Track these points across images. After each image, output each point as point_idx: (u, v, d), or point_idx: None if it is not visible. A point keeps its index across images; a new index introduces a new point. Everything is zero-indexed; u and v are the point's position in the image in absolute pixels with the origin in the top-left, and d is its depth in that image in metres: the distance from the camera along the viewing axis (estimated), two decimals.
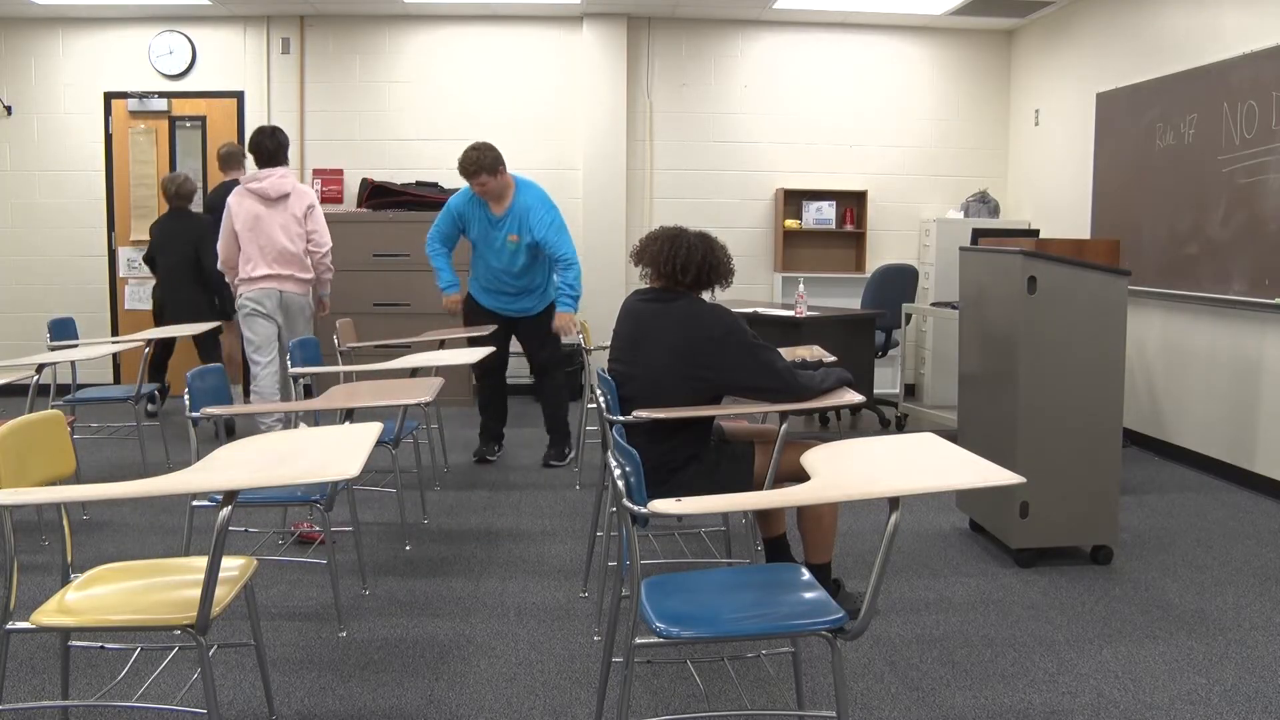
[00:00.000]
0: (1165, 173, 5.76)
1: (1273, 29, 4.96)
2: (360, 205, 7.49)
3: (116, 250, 7.71)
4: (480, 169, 5.12)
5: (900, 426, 6.59)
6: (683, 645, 2.99)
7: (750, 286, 7.86)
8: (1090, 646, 3.16)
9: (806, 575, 2.34)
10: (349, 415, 3.38)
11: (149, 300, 6.96)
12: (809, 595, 2.22)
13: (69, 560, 2.38)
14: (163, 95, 7.59)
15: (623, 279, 7.61)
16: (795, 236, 7.94)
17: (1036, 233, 6.80)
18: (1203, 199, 5.43)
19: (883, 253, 7.97)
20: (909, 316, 6.76)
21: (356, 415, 3.33)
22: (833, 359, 3.95)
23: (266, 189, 5.19)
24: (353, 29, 7.66)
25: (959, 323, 4.52)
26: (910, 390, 7.84)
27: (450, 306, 5.55)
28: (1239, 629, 3.31)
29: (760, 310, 6.12)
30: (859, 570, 3.85)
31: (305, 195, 5.29)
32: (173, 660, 2.95)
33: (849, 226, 7.92)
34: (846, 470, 2.26)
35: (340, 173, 7.70)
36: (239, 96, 7.65)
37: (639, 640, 2.12)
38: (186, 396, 3.20)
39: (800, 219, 7.89)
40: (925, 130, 7.98)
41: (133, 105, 7.58)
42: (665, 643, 2.05)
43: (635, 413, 3.04)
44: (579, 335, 5.39)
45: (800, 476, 2.52)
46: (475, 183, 5.17)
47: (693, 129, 7.88)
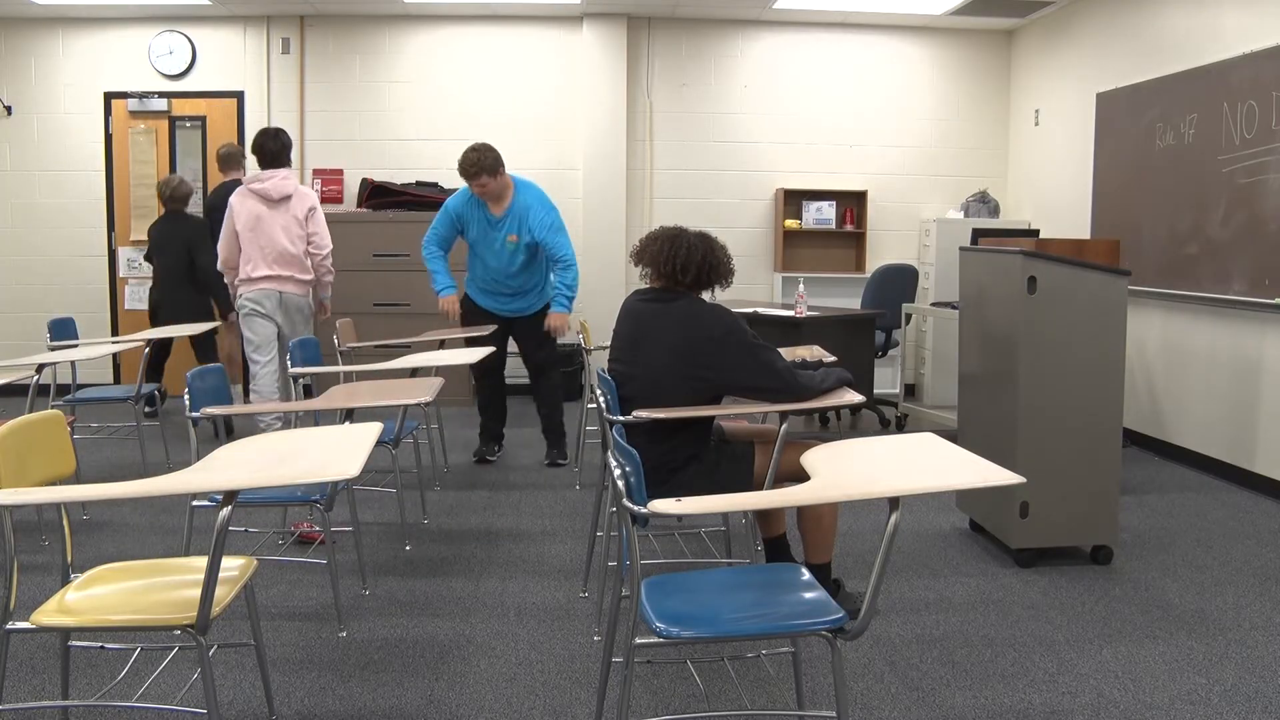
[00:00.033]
0: (1165, 173, 5.76)
1: (1273, 29, 4.96)
2: (360, 205, 7.49)
3: (116, 250, 7.71)
4: (481, 170, 5.12)
5: (900, 426, 6.59)
6: (683, 645, 2.99)
7: (750, 286, 7.86)
8: (1090, 646, 3.16)
9: (806, 575, 2.34)
10: (349, 415, 3.38)
11: (147, 300, 6.97)
12: (809, 595, 2.22)
13: (69, 560, 2.38)
14: (163, 95, 7.60)
15: (623, 279, 7.61)
16: (795, 236, 7.95)
17: (1036, 233, 6.80)
18: (1203, 199, 5.43)
19: (883, 253, 7.97)
20: (909, 316, 6.76)
21: (356, 415, 3.33)
22: (833, 359, 3.95)
23: (269, 190, 5.19)
24: (353, 29, 7.67)
25: (959, 323, 4.52)
26: (910, 390, 7.84)
27: (447, 308, 5.54)
28: (1239, 629, 3.31)
29: (760, 310, 6.12)
30: (859, 570, 3.85)
31: (307, 197, 5.29)
32: (173, 660, 2.95)
33: (849, 226, 7.92)
34: (846, 470, 2.26)
35: (340, 173, 7.70)
36: (239, 96, 7.65)
37: (639, 640, 2.12)
38: (186, 396, 3.20)
39: (800, 219, 7.89)
40: (925, 130, 7.98)
41: (133, 105, 7.58)
42: (665, 643, 2.05)
43: (635, 413, 3.04)
44: (579, 336, 5.39)
45: (800, 476, 2.52)
46: (475, 184, 5.17)
47: (693, 129, 7.88)
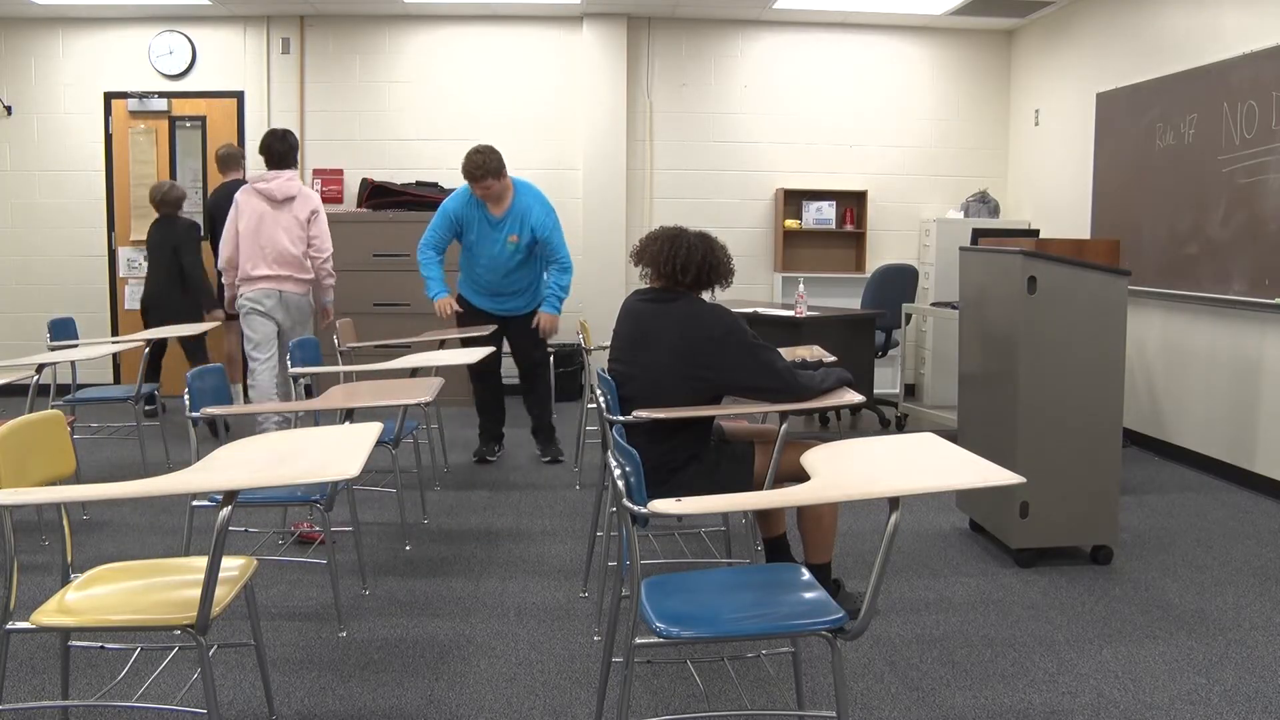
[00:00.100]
0: (1165, 173, 5.76)
1: (1273, 29, 4.96)
2: (360, 205, 7.49)
3: (116, 250, 7.71)
4: (486, 173, 5.13)
5: (900, 426, 6.59)
6: (683, 645, 2.99)
7: (750, 286, 7.86)
8: (1090, 646, 3.16)
9: (806, 575, 2.34)
10: (349, 415, 3.38)
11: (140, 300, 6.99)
12: (809, 595, 2.22)
13: (69, 560, 2.38)
14: (163, 95, 7.60)
15: (623, 279, 7.61)
16: (795, 236, 7.95)
17: (1036, 233, 6.80)
18: (1203, 199, 5.43)
19: (883, 253, 7.97)
20: (909, 316, 6.76)
21: (356, 415, 3.33)
22: (833, 359, 3.95)
23: (273, 190, 5.22)
24: (353, 29, 7.66)
25: (959, 323, 4.52)
26: (910, 390, 7.84)
27: (445, 309, 5.50)
28: (1239, 629, 3.31)
29: (760, 310, 6.12)
30: (859, 570, 3.85)
31: (310, 200, 5.32)
32: (173, 660, 2.95)
33: (849, 226, 7.92)
34: (846, 470, 2.26)
35: (340, 173, 7.70)
36: (239, 96, 7.65)
37: (639, 640, 2.12)
38: (186, 396, 3.20)
39: (800, 219, 7.89)
40: (925, 130, 7.98)
41: (133, 105, 7.58)
42: (665, 643, 2.05)
43: (635, 413, 3.04)
44: (579, 336, 5.40)
45: (800, 476, 2.52)
46: (480, 186, 5.18)
47: (693, 129, 7.88)
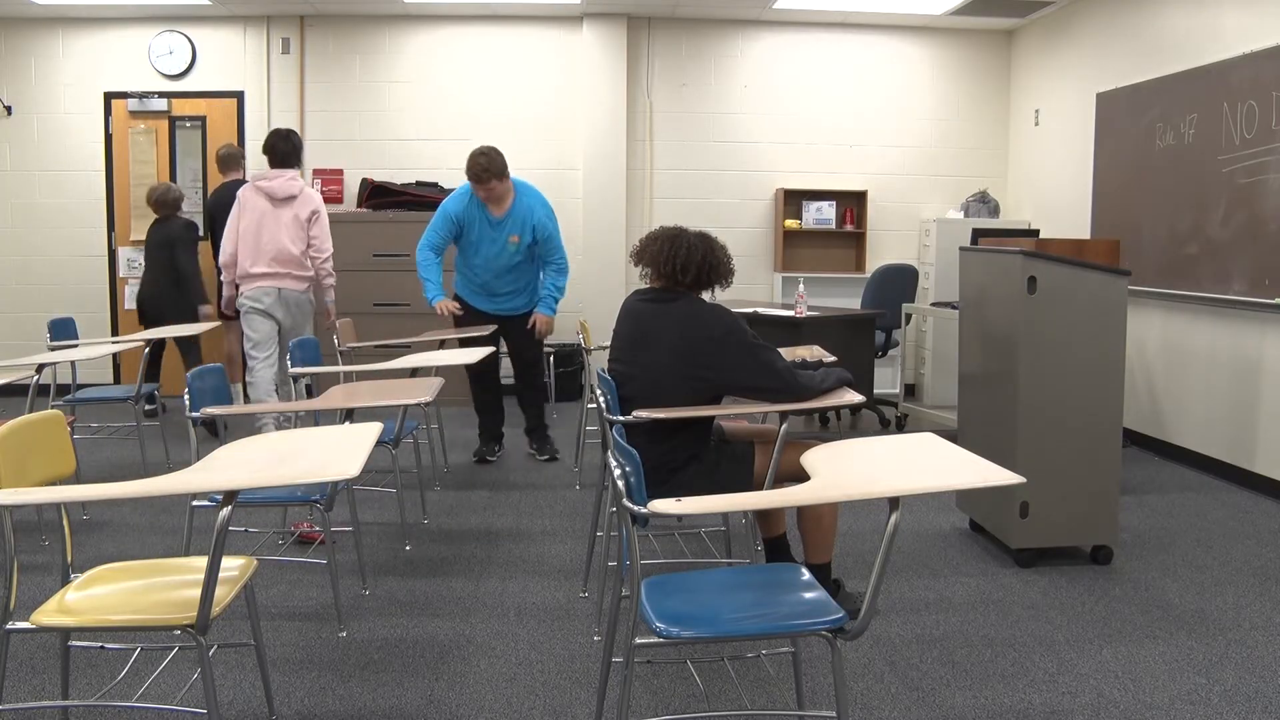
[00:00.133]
0: (1165, 173, 5.76)
1: (1273, 29, 4.96)
2: (360, 205, 7.49)
3: (116, 250, 7.71)
4: (491, 175, 5.14)
5: (900, 426, 6.59)
6: (683, 645, 2.99)
7: (750, 286, 7.86)
8: (1090, 646, 3.16)
9: (806, 575, 2.34)
10: (349, 415, 3.38)
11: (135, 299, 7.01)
12: (809, 595, 2.22)
13: (69, 560, 2.38)
14: (163, 95, 7.60)
15: (623, 279, 7.61)
16: (795, 236, 7.94)
17: (1036, 233, 6.80)
18: (1203, 199, 5.43)
19: (883, 253, 7.96)
20: (909, 316, 6.76)
21: (356, 415, 3.33)
22: (833, 359, 3.95)
23: (274, 189, 5.26)
24: (353, 29, 7.66)
25: (959, 323, 4.52)
26: (910, 390, 7.84)
27: (445, 310, 5.45)
28: (1239, 629, 3.31)
29: (760, 310, 6.11)
30: (859, 570, 3.85)
31: (311, 201, 5.34)
32: (173, 660, 2.95)
33: (849, 226, 7.92)
34: (846, 470, 2.26)
35: (340, 173, 7.70)
36: (239, 96, 7.65)
37: (639, 640, 2.12)
38: (186, 396, 3.20)
39: (800, 219, 7.88)
40: (925, 130, 7.98)
41: (133, 105, 7.58)
42: (665, 643, 2.05)
43: (635, 413, 3.04)
44: (579, 336, 5.41)
45: (800, 476, 2.52)
46: (484, 187, 5.18)
47: (693, 129, 7.88)
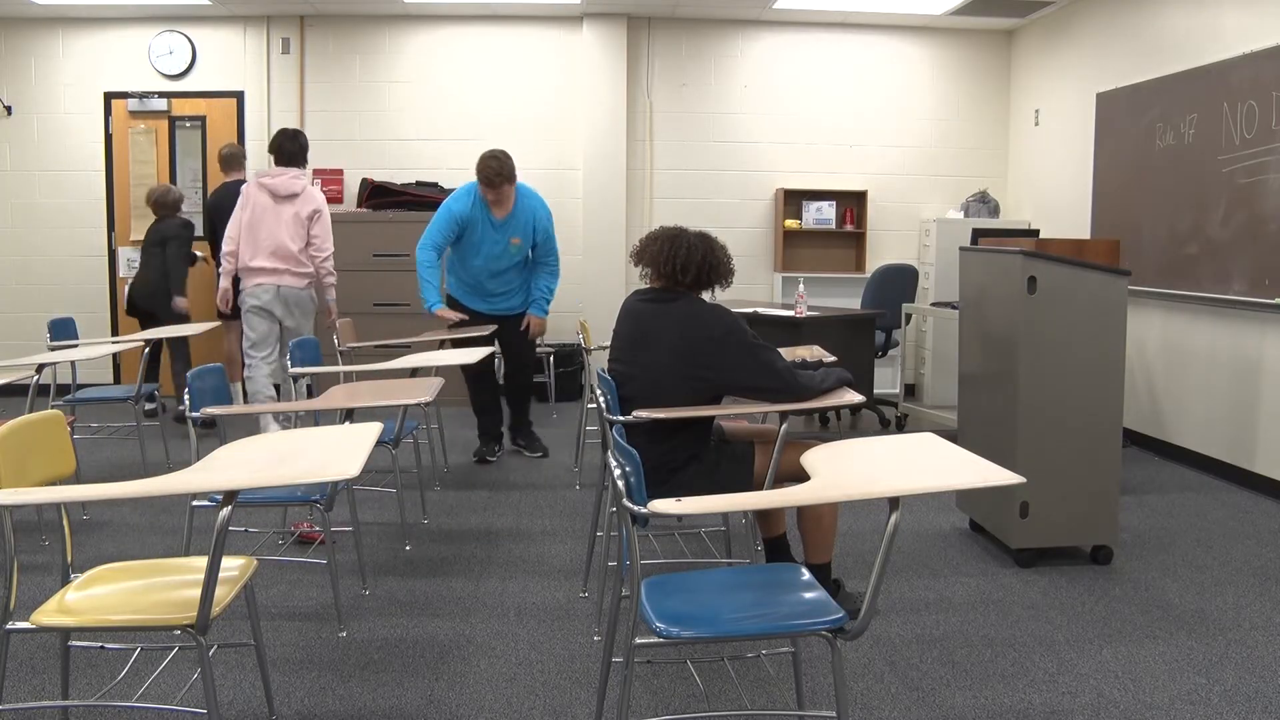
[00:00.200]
0: (1165, 173, 5.76)
1: (1273, 29, 4.96)
2: (360, 205, 7.49)
3: (116, 250, 7.71)
4: (504, 179, 5.16)
5: (900, 426, 6.59)
6: (683, 645, 2.99)
7: (750, 286, 7.86)
8: (1090, 646, 3.16)
9: (806, 575, 2.33)
10: (349, 415, 3.38)
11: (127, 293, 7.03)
12: (809, 595, 2.22)
13: (69, 560, 2.38)
14: (163, 95, 7.60)
15: (623, 279, 7.61)
16: (795, 236, 7.94)
17: (1036, 233, 6.80)
18: (1203, 199, 5.43)
19: (883, 253, 7.96)
20: (909, 316, 6.76)
21: (356, 415, 3.33)
22: (833, 359, 3.95)
23: (276, 186, 5.33)
24: (353, 29, 7.66)
25: (959, 323, 4.52)
26: (910, 390, 7.84)
27: (445, 316, 5.42)
28: (1239, 629, 3.31)
29: (760, 310, 6.11)
30: (859, 570, 3.85)
31: (313, 200, 5.38)
32: (173, 660, 2.95)
33: (849, 226, 7.92)
34: (846, 470, 2.26)
35: (340, 173, 7.70)
36: (239, 96, 7.65)
37: (639, 640, 2.12)
38: (186, 396, 3.20)
39: (800, 219, 7.88)
40: (925, 130, 7.98)
41: (133, 105, 7.58)
42: (665, 643, 2.05)
43: (635, 413, 3.04)
44: (579, 336, 5.41)
45: (800, 476, 2.52)
46: (495, 191, 5.18)
47: (693, 129, 7.88)
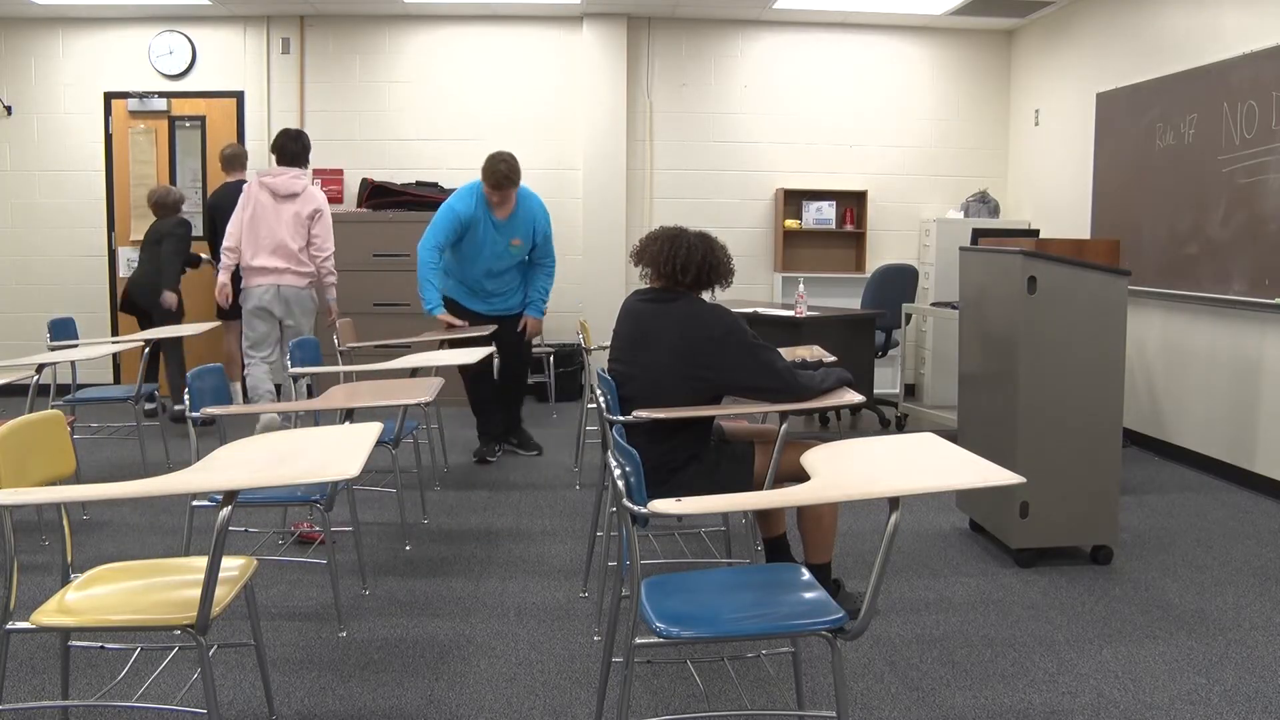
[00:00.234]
0: (1165, 173, 5.76)
1: (1273, 29, 4.96)
2: (360, 205, 7.49)
3: (116, 250, 7.71)
4: (512, 182, 5.18)
5: (900, 426, 6.59)
6: (683, 645, 2.99)
7: (750, 286, 7.86)
8: (1090, 646, 3.16)
9: (806, 575, 2.33)
10: (349, 415, 3.38)
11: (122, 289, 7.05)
12: (809, 595, 2.22)
13: (69, 560, 2.38)
14: (163, 95, 7.60)
15: (623, 279, 7.61)
16: (795, 236, 7.94)
17: (1036, 233, 6.80)
18: (1203, 199, 5.43)
19: (883, 253, 7.96)
20: (909, 316, 6.76)
21: (356, 415, 3.33)
22: (833, 359, 3.95)
23: (277, 185, 5.37)
24: (353, 29, 7.66)
25: (959, 323, 4.52)
26: (910, 390, 7.84)
27: (446, 320, 5.38)
28: (1239, 629, 3.31)
29: (760, 310, 6.11)
30: (859, 570, 3.85)
31: (313, 200, 5.41)
32: (173, 660, 2.95)
33: (849, 226, 7.92)
34: (846, 470, 2.26)
35: (340, 173, 7.69)
36: (239, 96, 7.65)
37: (639, 640, 2.12)
38: (186, 396, 3.20)
39: (800, 219, 7.88)
40: (925, 130, 7.97)
41: (133, 105, 7.58)
42: (665, 643, 2.05)
43: (635, 413, 3.04)
44: (579, 336, 5.41)
45: (800, 476, 2.52)
46: (501, 193, 5.18)
47: (693, 129, 7.87)
